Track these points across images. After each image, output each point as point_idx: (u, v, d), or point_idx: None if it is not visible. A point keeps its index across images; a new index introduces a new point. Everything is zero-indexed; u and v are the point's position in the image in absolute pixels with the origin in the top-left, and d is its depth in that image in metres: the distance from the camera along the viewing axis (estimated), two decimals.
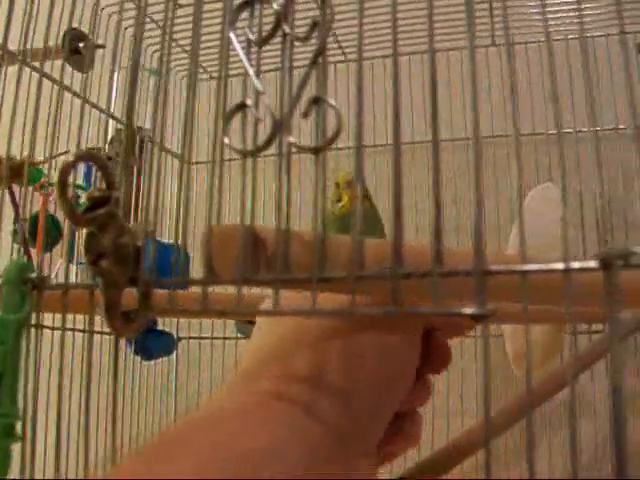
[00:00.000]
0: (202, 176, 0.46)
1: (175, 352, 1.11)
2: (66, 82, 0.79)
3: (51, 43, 0.75)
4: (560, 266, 0.30)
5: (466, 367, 1.05)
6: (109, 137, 0.92)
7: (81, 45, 0.83)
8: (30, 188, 0.77)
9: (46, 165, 0.76)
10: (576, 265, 0.30)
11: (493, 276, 0.30)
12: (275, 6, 0.35)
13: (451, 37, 0.85)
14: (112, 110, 0.90)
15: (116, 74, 0.55)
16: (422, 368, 0.40)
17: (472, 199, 0.31)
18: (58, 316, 0.53)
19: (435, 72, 0.32)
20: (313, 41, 0.35)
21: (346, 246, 0.33)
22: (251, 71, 0.35)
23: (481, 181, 0.31)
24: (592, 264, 0.29)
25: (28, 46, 0.66)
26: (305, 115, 0.33)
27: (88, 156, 0.34)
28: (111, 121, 0.92)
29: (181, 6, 0.43)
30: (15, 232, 0.79)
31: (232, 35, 0.36)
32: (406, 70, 1.04)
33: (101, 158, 0.34)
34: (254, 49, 0.36)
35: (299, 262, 0.33)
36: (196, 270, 0.38)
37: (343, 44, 1.00)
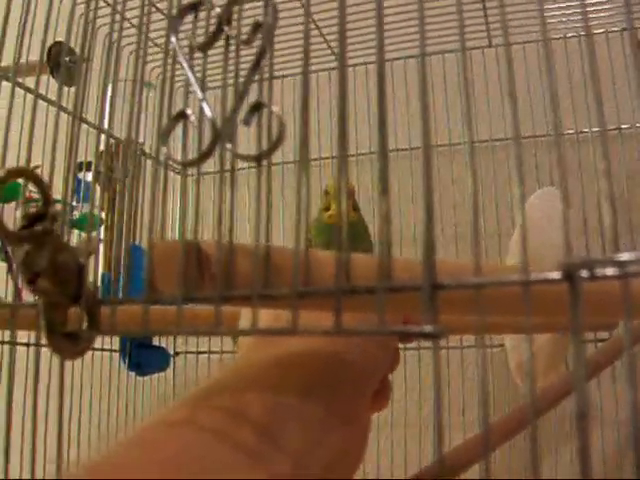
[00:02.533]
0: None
1: (173, 367, 1.09)
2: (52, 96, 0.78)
3: (34, 58, 0.74)
4: (518, 278, 0.28)
5: (467, 378, 1.03)
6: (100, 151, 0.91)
7: (67, 59, 0.81)
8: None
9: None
10: (535, 277, 0.28)
11: (445, 290, 0.28)
12: (217, 9, 0.34)
13: (443, 40, 0.84)
14: (104, 124, 0.89)
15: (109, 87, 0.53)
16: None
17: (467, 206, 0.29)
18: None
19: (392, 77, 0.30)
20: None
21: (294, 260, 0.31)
22: (192, 78, 0.33)
23: (430, 187, 0.29)
24: (553, 275, 0.27)
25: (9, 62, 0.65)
26: (246, 122, 0.32)
27: (19, 172, 0.32)
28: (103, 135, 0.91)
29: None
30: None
31: (174, 40, 0.34)
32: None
33: (34, 174, 0.33)
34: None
35: (247, 278, 0.31)
36: None
37: (336, 50, 0.98)
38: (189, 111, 0.33)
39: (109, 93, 0.42)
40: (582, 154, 1.00)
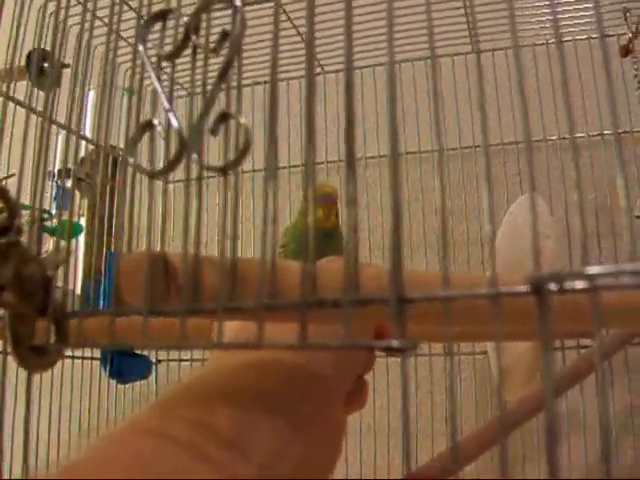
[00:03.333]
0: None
1: (155, 374, 1.09)
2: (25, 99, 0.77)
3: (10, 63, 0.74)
4: (486, 291, 0.27)
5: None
6: (80, 158, 0.90)
7: (46, 65, 0.81)
8: None
9: None
10: (503, 290, 0.27)
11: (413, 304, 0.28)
12: (185, 18, 0.33)
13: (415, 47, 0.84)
14: (83, 130, 0.88)
15: (89, 93, 0.53)
16: None
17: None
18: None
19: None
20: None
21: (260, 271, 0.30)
22: (159, 87, 0.33)
23: (399, 195, 0.29)
24: (521, 288, 0.27)
25: None
26: (213, 132, 0.31)
27: None
28: (83, 141, 0.90)
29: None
30: None
31: (141, 49, 0.34)
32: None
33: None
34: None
35: (214, 290, 0.31)
36: None
37: (318, 56, 0.98)
38: (156, 120, 0.33)
39: (85, 95, 0.42)
40: (565, 161, 1.00)
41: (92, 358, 1.00)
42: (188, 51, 0.34)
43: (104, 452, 0.31)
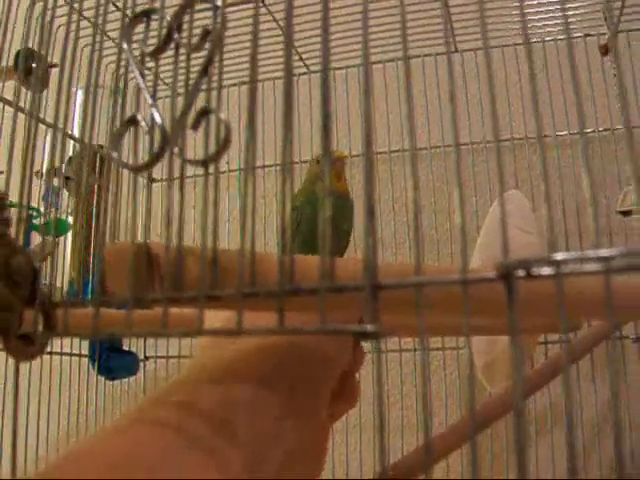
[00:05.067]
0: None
1: (143, 371, 1.10)
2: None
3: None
4: (456, 277, 0.29)
5: (434, 380, 1.03)
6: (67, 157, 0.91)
7: (34, 65, 0.81)
8: None
9: None
10: (472, 276, 0.28)
11: (386, 290, 0.29)
12: (167, 17, 0.34)
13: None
14: (71, 129, 0.89)
15: (77, 92, 0.54)
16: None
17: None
18: None
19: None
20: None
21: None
22: (142, 84, 0.34)
23: (373, 189, 0.30)
24: (489, 275, 0.28)
25: None
26: (194, 127, 0.32)
27: None
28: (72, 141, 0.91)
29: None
30: None
31: (126, 47, 0.35)
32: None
33: None
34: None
35: (197, 280, 0.32)
36: None
37: (304, 56, 1.00)
38: (139, 116, 0.34)
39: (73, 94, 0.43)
40: (547, 158, 1.01)
41: (80, 355, 1.01)
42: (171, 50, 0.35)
43: (90, 448, 0.32)
